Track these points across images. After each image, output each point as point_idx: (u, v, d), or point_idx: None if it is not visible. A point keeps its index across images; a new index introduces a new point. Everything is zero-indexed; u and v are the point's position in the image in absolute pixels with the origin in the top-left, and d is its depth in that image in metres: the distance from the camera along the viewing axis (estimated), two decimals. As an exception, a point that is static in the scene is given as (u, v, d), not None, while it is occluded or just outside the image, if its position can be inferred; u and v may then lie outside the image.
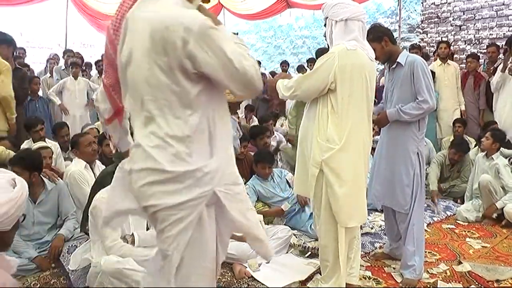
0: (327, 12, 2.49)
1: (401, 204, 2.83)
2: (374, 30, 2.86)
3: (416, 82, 2.74)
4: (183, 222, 1.42)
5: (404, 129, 2.81)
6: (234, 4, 9.77)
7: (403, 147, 2.81)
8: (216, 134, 1.49)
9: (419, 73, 2.73)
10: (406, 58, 2.80)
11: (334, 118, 2.42)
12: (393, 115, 2.80)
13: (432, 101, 2.73)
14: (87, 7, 8.40)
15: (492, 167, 4.15)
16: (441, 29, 8.18)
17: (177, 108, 1.42)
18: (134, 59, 1.46)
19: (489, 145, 4.20)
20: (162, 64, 1.39)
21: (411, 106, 2.74)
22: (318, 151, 2.44)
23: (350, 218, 2.45)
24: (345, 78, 2.37)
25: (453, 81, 5.86)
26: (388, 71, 2.96)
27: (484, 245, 3.49)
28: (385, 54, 2.84)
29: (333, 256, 2.47)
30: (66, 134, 4.47)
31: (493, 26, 7.46)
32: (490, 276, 2.91)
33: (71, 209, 3.24)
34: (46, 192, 3.09)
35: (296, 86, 2.52)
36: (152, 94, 1.44)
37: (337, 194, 2.40)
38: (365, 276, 2.93)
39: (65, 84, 6.41)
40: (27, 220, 3.00)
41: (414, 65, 2.75)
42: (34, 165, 2.99)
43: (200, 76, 1.41)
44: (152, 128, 1.44)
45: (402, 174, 2.81)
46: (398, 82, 2.84)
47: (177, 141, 1.42)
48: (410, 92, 2.77)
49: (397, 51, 2.86)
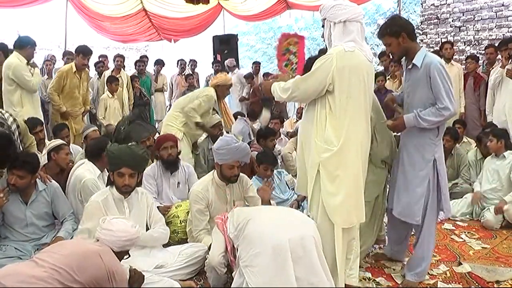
0: (325, 13, 2.47)
1: (412, 216, 2.70)
2: (392, 24, 2.65)
3: (434, 86, 2.53)
4: None
5: (420, 134, 2.64)
6: (234, 5, 9.77)
7: (419, 154, 2.66)
8: None
9: (437, 77, 2.51)
10: (423, 59, 2.58)
11: (332, 120, 2.41)
12: (411, 121, 2.59)
13: (453, 107, 2.51)
14: (87, 8, 8.41)
15: (504, 166, 4.09)
16: (440, 30, 8.20)
17: None
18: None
19: (495, 145, 4.16)
20: None
21: (431, 112, 2.53)
22: (316, 153, 2.44)
23: (347, 219, 2.45)
24: (343, 80, 2.36)
25: (456, 82, 5.87)
26: (405, 70, 2.79)
27: (484, 246, 3.48)
28: (400, 51, 2.67)
29: (331, 257, 2.45)
30: (66, 136, 4.47)
31: (493, 27, 7.47)
32: (490, 277, 2.90)
33: (68, 209, 3.22)
34: (37, 192, 3.06)
35: (294, 87, 2.49)
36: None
37: (334, 195, 2.40)
38: (365, 277, 2.93)
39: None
40: (20, 221, 3.00)
41: (430, 68, 2.53)
42: (36, 168, 2.99)
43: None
44: None
45: (416, 184, 2.66)
46: (414, 85, 2.67)
47: None
48: (428, 96, 2.57)
49: (414, 49, 2.64)
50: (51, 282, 1.81)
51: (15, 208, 2.99)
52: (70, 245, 2.15)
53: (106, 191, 2.84)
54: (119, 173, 2.75)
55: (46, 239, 3.08)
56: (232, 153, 3.00)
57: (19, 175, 2.88)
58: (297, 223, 2.40)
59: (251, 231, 2.35)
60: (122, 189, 2.79)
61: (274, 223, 2.37)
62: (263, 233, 2.29)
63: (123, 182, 2.76)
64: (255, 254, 2.25)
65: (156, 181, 3.79)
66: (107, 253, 2.04)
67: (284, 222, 2.39)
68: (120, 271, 2.02)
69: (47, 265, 1.87)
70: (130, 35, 9.64)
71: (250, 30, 12.72)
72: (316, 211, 2.50)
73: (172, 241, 3.19)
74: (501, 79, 5.22)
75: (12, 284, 1.78)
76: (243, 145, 3.09)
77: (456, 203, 4.27)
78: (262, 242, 2.26)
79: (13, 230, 3.00)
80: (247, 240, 2.34)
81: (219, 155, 3.03)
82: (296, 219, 2.46)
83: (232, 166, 3.03)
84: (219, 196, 3.13)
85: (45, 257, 1.94)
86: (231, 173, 3.05)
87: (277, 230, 2.29)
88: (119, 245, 2.19)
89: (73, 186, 3.35)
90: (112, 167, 2.80)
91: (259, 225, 2.36)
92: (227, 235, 2.55)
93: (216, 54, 9.26)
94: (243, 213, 2.54)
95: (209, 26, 9.91)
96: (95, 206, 2.75)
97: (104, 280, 1.93)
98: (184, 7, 9.07)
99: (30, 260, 1.97)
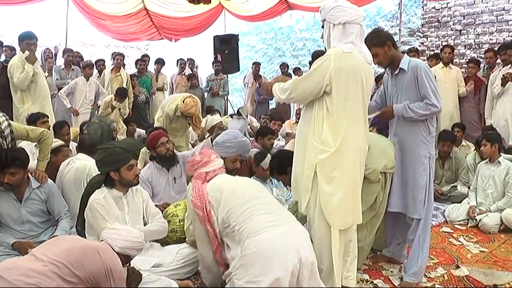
0: (325, 14, 2.47)
1: (416, 210, 2.81)
2: (377, 35, 2.84)
3: (421, 87, 2.72)
4: None
5: (414, 133, 2.80)
6: (235, 6, 9.77)
7: (415, 152, 2.80)
8: None
9: (423, 78, 2.71)
10: (409, 63, 2.78)
11: (329, 121, 2.41)
12: (399, 110, 2.78)
13: (440, 104, 2.72)
14: (88, 6, 8.40)
15: (499, 172, 4.10)
16: (441, 33, 8.21)
17: None
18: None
19: (489, 150, 4.15)
20: None
21: (419, 105, 2.73)
22: (313, 154, 2.44)
23: (343, 220, 2.45)
24: (340, 81, 2.36)
25: (454, 85, 5.88)
26: (390, 77, 2.94)
27: (482, 250, 3.49)
28: (388, 59, 2.83)
29: (328, 259, 2.45)
30: (66, 133, 4.47)
31: (493, 31, 7.48)
32: (487, 280, 2.91)
33: (64, 207, 3.22)
34: (30, 189, 3.05)
35: (292, 88, 2.50)
36: None
37: (331, 196, 2.40)
38: (362, 279, 2.93)
39: (77, 85, 6.49)
40: (16, 219, 2.99)
41: (417, 70, 2.73)
42: (26, 162, 2.97)
43: None
44: None
45: (417, 179, 2.79)
46: (402, 88, 2.82)
47: None
48: (416, 96, 2.76)
49: (399, 56, 2.84)
50: (50, 276, 1.82)
51: (9, 206, 2.98)
52: (69, 240, 2.15)
53: (103, 190, 2.78)
54: (129, 166, 2.75)
55: (44, 236, 3.07)
56: (238, 147, 3.17)
57: (11, 172, 2.87)
58: (296, 244, 2.21)
59: (252, 253, 2.18)
60: (133, 181, 2.80)
61: (275, 248, 2.16)
62: (265, 262, 2.14)
63: (134, 173, 2.79)
64: (253, 282, 2.13)
65: (152, 183, 3.75)
66: (106, 251, 2.04)
67: (285, 244, 2.18)
68: (118, 269, 2.02)
69: (46, 259, 1.87)
70: (131, 34, 9.63)
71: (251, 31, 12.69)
72: (313, 212, 2.50)
73: (170, 240, 3.19)
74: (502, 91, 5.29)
75: (11, 277, 1.79)
76: (247, 141, 3.28)
77: (455, 207, 4.27)
78: (262, 272, 2.12)
79: (10, 228, 2.99)
80: (246, 262, 2.20)
81: (224, 148, 3.12)
82: (294, 237, 2.27)
83: (235, 159, 3.18)
84: None
85: (44, 251, 1.94)
86: (233, 166, 3.18)
87: (278, 259, 2.12)
88: (121, 244, 2.17)
89: (77, 178, 3.35)
90: (119, 163, 2.72)
91: (260, 249, 2.18)
92: (215, 231, 2.44)
93: (217, 54, 9.26)
94: (237, 213, 2.33)
95: (210, 26, 9.90)
96: (99, 203, 2.69)
97: (101, 277, 1.93)
98: (185, 7, 9.07)
99: (30, 254, 1.96)
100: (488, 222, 3.89)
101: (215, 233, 2.48)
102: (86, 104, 6.52)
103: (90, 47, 11.87)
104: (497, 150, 4.16)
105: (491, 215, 3.95)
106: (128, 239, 2.21)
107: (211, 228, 2.48)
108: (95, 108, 6.51)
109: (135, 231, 2.32)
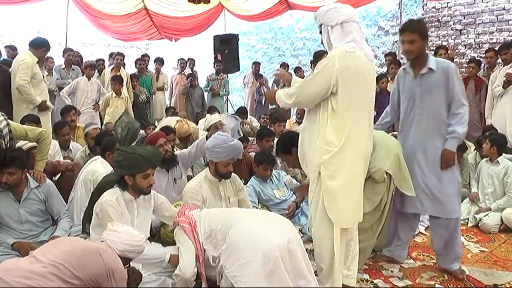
0: (321, 19, 2.48)
1: (453, 211, 2.86)
2: (424, 27, 2.85)
3: (452, 88, 2.74)
4: None
5: (440, 138, 2.82)
6: (235, 5, 9.77)
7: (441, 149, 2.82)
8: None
9: (455, 80, 2.74)
10: (437, 64, 2.77)
11: (333, 121, 2.41)
12: (454, 145, 2.80)
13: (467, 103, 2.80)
14: (88, 6, 8.39)
15: (498, 171, 4.12)
16: (441, 33, 8.20)
17: None
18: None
19: (488, 150, 4.19)
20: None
21: (458, 124, 2.75)
22: (317, 154, 2.44)
23: (346, 219, 2.46)
24: (345, 80, 2.36)
25: None
26: (413, 76, 2.88)
27: (482, 250, 3.49)
28: (418, 53, 2.79)
29: (328, 258, 2.46)
30: (66, 133, 4.47)
31: (493, 30, 7.48)
32: (487, 280, 2.91)
33: (63, 207, 3.22)
34: (28, 189, 3.04)
35: (298, 92, 2.47)
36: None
37: (334, 195, 2.40)
38: (362, 278, 2.93)
39: (79, 85, 6.48)
40: (15, 219, 2.99)
41: (449, 71, 2.74)
42: (24, 161, 2.96)
43: None
44: None
45: (453, 181, 2.85)
46: (429, 89, 2.79)
47: None
48: (443, 98, 2.78)
49: (426, 55, 2.83)
50: (50, 278, 1.82)
51: (8, 206, 2.97)
52: (69, 242, 2.15)
53: (116, 191, 2.72)
54: (145, 174, 2.68)
55: (44, 236, 3.07)
56: (228, 151, 3.10)
57: (9, 172, 2.87)
58: (279, 226, 2.42)
59: (235, 239, 2.35)
60: (146, 190, 2.73)
61: (258, 229, 2.37)
62: (249, 241, 2.29)
63: (148, 183, 2.70)
64: (244, 264, 2.24)
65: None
66: (107, 252, 2.04)
67: (267, 227, 2.40)
68: (119, 270, 2.02)
69: (47, 261, 1.87)
70: (131, 34, 9.63)
71: (251, 30, 12.68)
72: (315, 211, 2.50)
73: (170, 240, 3.18)
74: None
75: (11, 279, 1.78)
76: (238, 143, 3.21)
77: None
78: (250, 251, 2.25)
79: (9, 228, 2.99)
80: (232, 249, 2.33)
81: (214, 153, 3.10)
82: (275, 222, 2.49)
83: (228, 163, 3.14)
84: (213, 193, 3.19)
85: (44, 252, 1.94)
86: (226, 170, 3.15)
87: (263, 237, 2.29)
88: (121, 247, 2.15)
89: (85, 179, 3.35)
90: (136, 169, 2.65)
91: (243, 232, 2.37)
92: (199, 242, 2.55)
93: (217, 53, 9.26)
94: (218, 219, 2.55)
95: (210, 26, 9.90)
96: (111, 205, 2.63)
97: (103, 278, 1.93)
98: (185, 6, 9.07)
99: (30, 255, 1.96)
100: (488, 222, 3.90)
101: (199, 246, 2.56)
102: (87, 103, 6.50)
103: (90, 47, 11.86)
104: (496, 151, 4.18)
105: (492, 215, 3.96)
106: (129, 242, 2.18)
107: (196, 242, 2.57)
108: (96, 107, 6.51)
109: (136, 233, 2.28)
